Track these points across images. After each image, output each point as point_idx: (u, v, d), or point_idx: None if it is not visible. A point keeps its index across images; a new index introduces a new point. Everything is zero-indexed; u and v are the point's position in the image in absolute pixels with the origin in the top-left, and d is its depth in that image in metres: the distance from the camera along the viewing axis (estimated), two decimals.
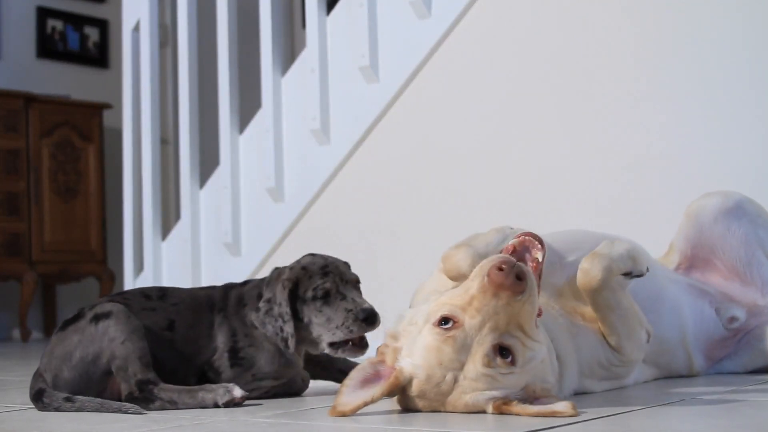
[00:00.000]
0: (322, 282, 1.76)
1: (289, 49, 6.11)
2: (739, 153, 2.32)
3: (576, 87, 2.57)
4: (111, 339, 1.72)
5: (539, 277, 1.49)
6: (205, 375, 1.83)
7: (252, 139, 3.30)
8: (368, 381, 1.50)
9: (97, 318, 1.75)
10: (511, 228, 1.73)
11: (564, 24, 2.61)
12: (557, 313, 1.68)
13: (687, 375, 1.93)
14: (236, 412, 1.63)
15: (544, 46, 2.64)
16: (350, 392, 1.48)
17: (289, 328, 1.75)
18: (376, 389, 1.48)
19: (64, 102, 5.79)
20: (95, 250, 5.78)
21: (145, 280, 3.54)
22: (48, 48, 6.26)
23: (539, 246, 1.50)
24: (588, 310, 1.70)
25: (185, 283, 3.36)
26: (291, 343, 1.75)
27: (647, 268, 1.71)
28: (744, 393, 1.66)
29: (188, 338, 1.82)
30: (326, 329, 1.76)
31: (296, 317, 1.77)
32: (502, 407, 1.44)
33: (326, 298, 1.76)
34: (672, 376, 1.92)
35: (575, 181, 2.55)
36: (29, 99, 5.57)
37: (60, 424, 1.56)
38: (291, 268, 1.82)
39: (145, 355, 1.72)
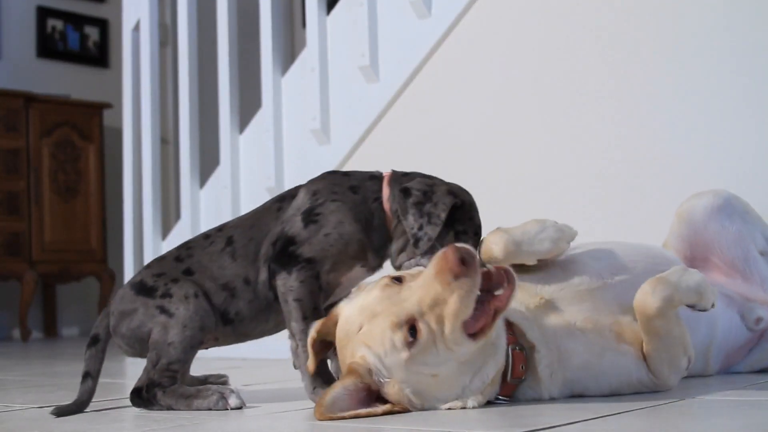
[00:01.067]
0: (470, 224, 1.68)
1: (289, 49, 6.11)
2: (729, 153, 2.31)
3: (576, 86, 2.57)
4: (164, 329, 1.68)
5: (495, 313, 1.48)
6: (276, 247, 1.69)
7: (252, 138, 3.30)
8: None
9: (165, 300, 1.71)
10: (555, 222, 1.71)
11: (564, 23, 2.61)
12: (593, 329, 1.64)
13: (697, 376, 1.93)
14: (236, 413, 1.63)
15: (545, 46, 2.64)
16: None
17: (432, 233, 1.61)
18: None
19: (64, 101, 5.79)
20: (95, 250, 5.79)
21: None
22: (48, 48, 6.26)
23: (508, 284, 1.49)
24: (632, 330, 1.66)
25: None
26: (423, 245, 1.62)
27: (713, 305, 1.65)
28: (745, 393, 1.66)
29: (250, 237, 1.74)
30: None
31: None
32: (353, 371, 1.48)
33: (458, 237, 1.67)
34: None
35: (575, 180, 2.55)
36: (29, 99, 5.57)
37: (60, 423, 1.56)
38: (459, 187, 1.72)
39: (179, 364, 1.69)
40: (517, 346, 1.58)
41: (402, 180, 1.70)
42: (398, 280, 1.51)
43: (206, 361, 3.13)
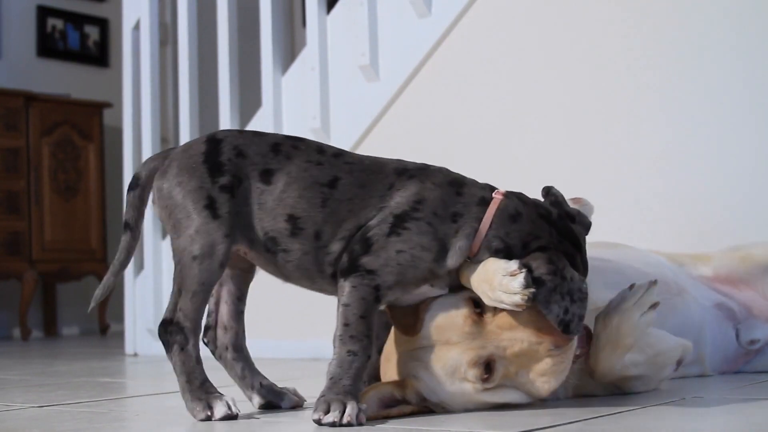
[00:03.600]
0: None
1: (290, 48, 6.10)
2: (736, 151, 2.31)
3: (577, 86, 2.57)
4: (191, 238, 1.48)
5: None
6: (355, 238, 1.48)
7: None
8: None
9: (221, 193, 1.48)
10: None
11: (564, 23, 2.61)
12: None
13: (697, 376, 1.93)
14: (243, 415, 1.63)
15: (545, 45, 2.64)
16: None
17: (581, 310, 1.41)
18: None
19: (64, 101, 5.79)
20: (95, 249, 5.78)
21: (146, 279, 3.53)
22: (48, 47, 6.26)
23: (583, 349, 1.50)
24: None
25: None
26: (575, 326, 1.41)
27: (655, 304, 1.62)
28: (745, 392, 1.66)
29: (351, 196, 1.49)
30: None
31: None
32: (404, 385, 1.46)
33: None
34: None
35: (576, 180, 2.54)
36: (29, 98, 5.57)
37: (60, 423, 1.56)
38: (571, 255, 1.49)
39: (194, 307, 1.49)
40: None
41: (508, 225, 1.47)
42: (478, 306, 1.46)
43: (206, 360, 3.12)
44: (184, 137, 3.46)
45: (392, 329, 1.56)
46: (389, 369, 1.53)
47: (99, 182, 5.83)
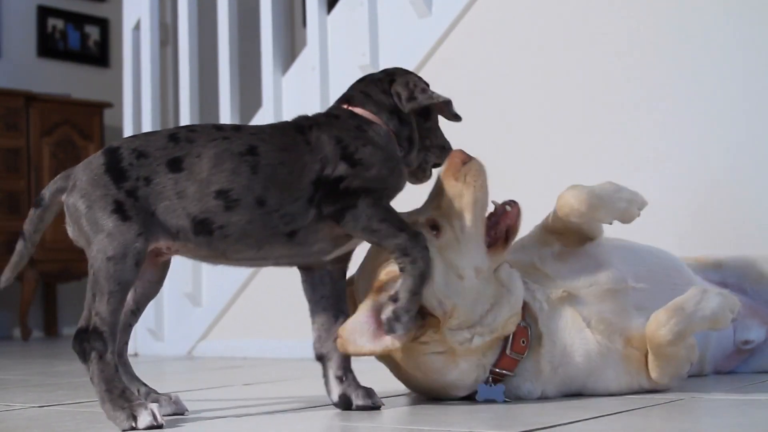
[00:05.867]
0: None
1: (290, 48, 6.11)
2: (736, 151, 2.31)
3: (577, 86, 2.57)
4: (103, 247, 1.47)
5: (507, 231, 1.60)
6: (320, 192, 1.53)
7: None
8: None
9: (129, 199, 1.49)
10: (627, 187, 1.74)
11: (564, 23, 2.61)
12: (604, 330, 1.64)
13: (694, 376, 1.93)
14: (239, 415, 1.63)
15: (546, 45, 2.64)
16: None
17: (425, 94, 1.69)
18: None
19: (64, 101, 5.79)
20: None
21: None
22: (49, 47, 6.26)
23: (514, 205, 1.64)
24: (640, 336, 1.64)
25: (188, 283, 3.36)
26: (423, 98, 1.67)
27: (733, 320, 1.64)
28: (745, 392, 1.66)
29: (280, 160, 1.53)
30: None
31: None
32: (380, 287, 1.54)
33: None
34: None
35: (575, 180, 2.54)
36: (30, 98, 5.58)
37: (60, 422, 1.56)
38: None
39: (110, 313, 1.45)
40: (523, 322, 1.59)
41: (370, 103, 1.68)
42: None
43: (206, 360, 3.13)
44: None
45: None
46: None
47: None
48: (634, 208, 1.72)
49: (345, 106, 1.67)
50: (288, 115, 3.18)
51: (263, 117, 3.21)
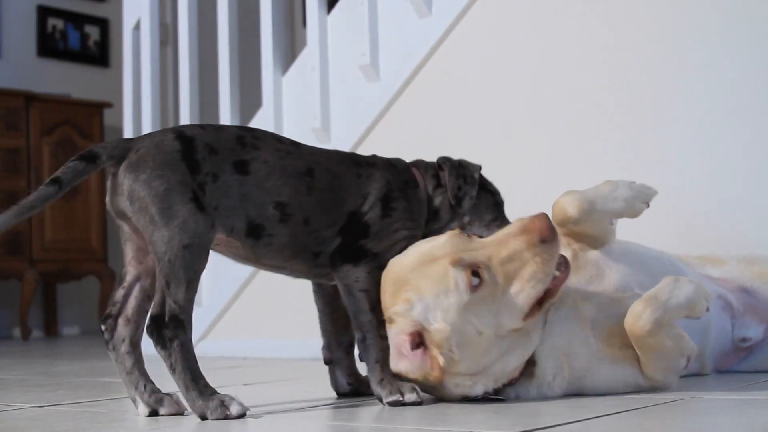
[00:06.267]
0: (499, 196, 1.86)
1: (290, 48, 6.11)
2: (736, 151, 2.32)
3: (577, 86, 2.57)
4: (172, 237, 1.48)
5: (545, 296, 1.51)
6: (350, 226, 1.64)
7: None
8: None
9: (199, 191, 1.51)
10: (630, 182, 1.72)
11: (564, 23, 2.61)
12: (605, 336, 1.64)
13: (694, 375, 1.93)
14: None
15: (545, 45, 2.64)
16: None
17: (472, 191, 1.76)
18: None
19: (64, 101, 5.80)
20: (96, 249, 5.79)
21: None
22: (49, 47, 6.26)
23: (564, 269, 1.52)
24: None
25: None
26: (466, 203, 1.75)
27: (707, 309, 1.64)
28: (745, 392, 1.66)
29: (330, 186, 1.63)
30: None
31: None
32: (390, 320, 1.51)
33: (499, 206, 1.86)
34: None
35: (575, 180, 2.54)
36: (30, 98, 5.58)
37: (60, 422, 1.56)
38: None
39: (188, 299, 1.48)
40: None
41: (427, 168, 1.80)
42: (465, 235, 1.55)
43: (206, 360, 3.13)
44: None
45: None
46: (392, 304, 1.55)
47: (99, 182, 5.84)
48: (636, 203, 1.71)
49: (405, 162, 1.80)
50: (288, 115, 3.18)
51: (263, 117, 3.21)
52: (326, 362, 1.80)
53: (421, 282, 1.48)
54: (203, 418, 1.47)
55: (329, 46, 3.06)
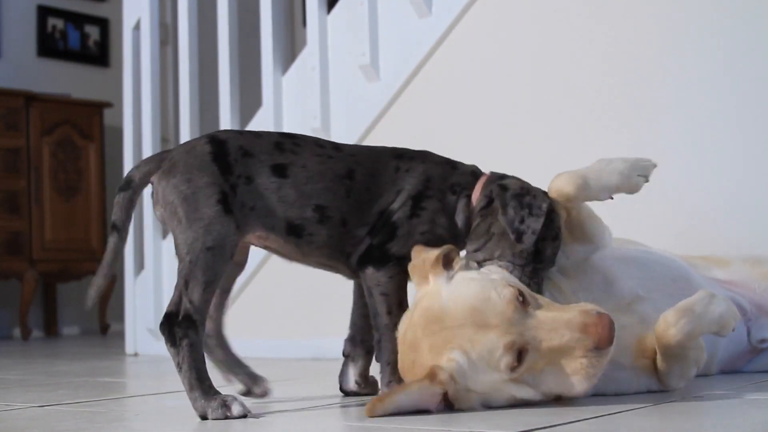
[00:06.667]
0: (551, 245, 1.62)
1: (290, 48, 6.11)
2: (736, 151, 2.32)
3: (577, 85, 2.57)
4: (201, 234, 1.52)
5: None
6: (379, 226, 1.62)
7: None
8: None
9: (232, 191, 1.54)
10: (624, 158, 1.70)
11: (564, 22, 2.61)
12: (617, 345, 1.62)
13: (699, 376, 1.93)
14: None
15: (545, 45, 2.64)
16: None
17: (536, 225, 1.55)
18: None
19: (64, 100, 5.79)
20: (96, 249, 5.79)
21: (146, 279, 3.53)
22: (48, 47, 6.26)
23: (607, 347, 1.45)
24: (651, 344, 1.64)
25: None
26: (528, 238, 1.55)
27: (733, 329, 1.64)
28: (745, 392, 1.66)
29: (368, 185, 1.63)
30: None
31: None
32: (434, 375, 1.43)
33: (537, 256, 1.61)
34: None
35: None
36: (30, 98, 5.58)
37: (60, 422, 1.56)
38: (545, 194, 1.65)
39: (204, 299, 1.50)
40: None
41: (495, 182, 1.67)
42: (521, 296, 1.45)
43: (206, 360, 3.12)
44: (185, 137, 3.46)
45: (410, 316, 1.52)
46: (418, 357, 1.48)
47: (99, 182, 5.84)
48: (633, 175, 1.67)
49: (474, 168, 1.71)
50: (288, 115, 3.18)
51: (263, 117, 3.21)
52: (344, 354, 1.81)
53: (468, 346, 1.42)
54: (204, 417, 1.48)
55: (329, 46, 3.06)
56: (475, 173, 1.70)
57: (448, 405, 1.46)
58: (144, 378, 2.65)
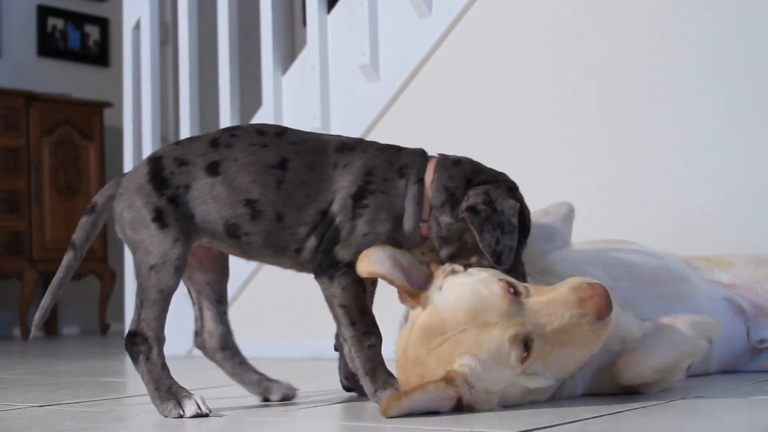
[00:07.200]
0: (524, 241, 1.56)
1: (290, 48, 6.10)
2: (735, 152, 2.32)
3: (577, 85, 2.57)
4: (146, 251, 1.56)
5: None
6: (323, 227, 1.55)
7: None
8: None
9: (170, 206, 1.55)
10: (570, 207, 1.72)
11: (564, 22, 2.61)
12: None
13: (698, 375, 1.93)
14: (241, 414, 1.63)
15: (545, 45, 2.63)
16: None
17: (511, 242, 1.48)
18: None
19: (64, 100, 5.79)
20: (96, 249, 5.78)
21: None
22: (49, 46, 6.26)
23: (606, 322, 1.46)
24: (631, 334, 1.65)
25: None
26: (506, 258, 1.48)
27: (711, 342, 1.66)
28: (746, 392, 1.66)
29: (303, 179, 1.56)
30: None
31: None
32: (451, 379, 1.42)
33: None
34: None
35: (575, 180, 2.55)
36: (30, 97, 5.57)
37: (60, 422, 1.56)
38: (510, 189, 1.60)
39: (154, 318, 1.55)
40: None
41: (451, 168, 1.57)
42: (512, 287, 1.46)
43: (206, 360, 3.12)
44: (185, 137, 3.46)
45: (408, 334, 1.51)
46: (426, 370, 1.47)
47: (99, 182, 5.83)
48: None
49: (421, 150, 1.61)
50: (288, 115, 3.18)
51: (263, 117, 3.20)
52: (336, 349, 1.78)
53: (475, 349, 1.42)
54: (166, 416, 1.55)
55: (329, 46, 3.06)
56: (423, 154, 1.61)
57: (459, 408, 1.46)
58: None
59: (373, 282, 1.64)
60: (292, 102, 3.16)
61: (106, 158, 5.90)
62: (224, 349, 1.72)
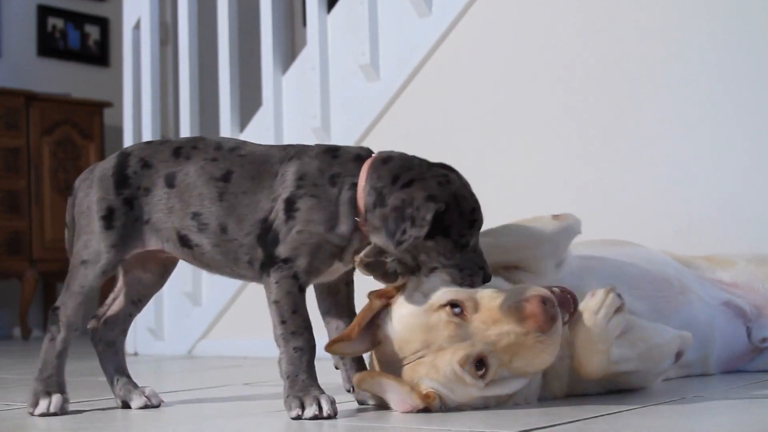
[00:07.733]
0: (469, 232, 1.49)
1: (290, 47, 6.10)
2: (735, 151, 2.32)
3: (577, 85, 2.57)
4: (85, 244, 1.61)
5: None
6: (264, 235, 1.54)
7: (253, 137, 3.29)
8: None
9: (125, 205, 1.59)
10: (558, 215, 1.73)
11: (564, 22, 2.61)
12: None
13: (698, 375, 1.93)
14: (239, 414, 1.63)
15: (545, 45, 2.64)
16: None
17: (418, 233, 1.43)
18: (353, 328, 1.52)
19: (64, 100, 5.79)
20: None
21: None
22: (49, 46, 6.26)
23: (572, 308, 1.49)
24: None
25: (188, 282, 3.36)
26: (406, 245, 1.44)
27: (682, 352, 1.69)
28: (745, 391, 1.66)
29: (245, 189, 1.55)
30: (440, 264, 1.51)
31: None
32: (426, 396, 1.46)
33: (464, 248, 1.49)
34: None
35: (574, 180, 2.54)
36: (30, 97, 5.57)
37: (60, 422, 1.56)
38: (439, 183, 1.49)
39: (72, 300, 1.64)
40: None
41: (380, 168, 1.52)
42: (456, 306, 1.47)
43: (206, 359, 3.13)
44: (185, 136, 3.46)
45: (370, 362, 1.58)
46: (403, 394, 1.51)
47: None
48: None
49: (359, 152, 1.57)
50: (288, 115, 3.18)
51: (263, 117, 3.21)
52: (336, 367, 1.77)
53: (433, 373, 1.45)
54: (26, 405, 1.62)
55: (329, 45, 3.06)
56: (359, 157, 1.55)
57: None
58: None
59: (348, 282, 1.64)
60: (292, 102, 3.17)
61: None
62: (108, 345, 1.76)
